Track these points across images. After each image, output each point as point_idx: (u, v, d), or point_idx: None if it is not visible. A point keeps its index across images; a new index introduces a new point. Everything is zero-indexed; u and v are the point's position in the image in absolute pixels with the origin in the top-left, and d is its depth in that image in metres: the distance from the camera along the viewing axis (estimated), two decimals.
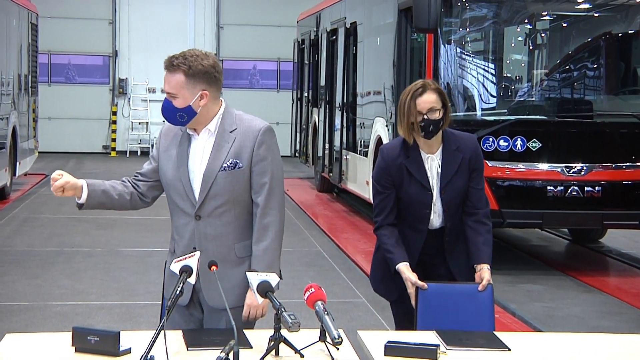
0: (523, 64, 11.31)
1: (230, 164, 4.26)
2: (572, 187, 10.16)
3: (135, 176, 4.44)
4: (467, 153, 4.97)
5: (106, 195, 4.32)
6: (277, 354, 3.77)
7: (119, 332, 3.84)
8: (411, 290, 4.82)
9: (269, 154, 4.31)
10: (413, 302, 4.82)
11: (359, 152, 13.94)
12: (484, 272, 4.87)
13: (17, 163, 16.09)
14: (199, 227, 4.30)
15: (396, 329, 5.17)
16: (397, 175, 4.93)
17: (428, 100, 4.82)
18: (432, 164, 4.96)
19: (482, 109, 10.50)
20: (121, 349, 3.79)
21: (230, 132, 4.30)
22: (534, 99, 10.91)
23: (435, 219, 5.00)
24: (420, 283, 4.80)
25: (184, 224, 4.34)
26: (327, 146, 16.70)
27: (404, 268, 4.85)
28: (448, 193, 4.93)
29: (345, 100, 15.18)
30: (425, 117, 4.79)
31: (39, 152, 19.09)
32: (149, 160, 4.47)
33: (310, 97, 18.86)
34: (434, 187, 4.94)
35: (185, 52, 4.25)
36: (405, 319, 5.00)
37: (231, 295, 4.18)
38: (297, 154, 20.35)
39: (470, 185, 4.98)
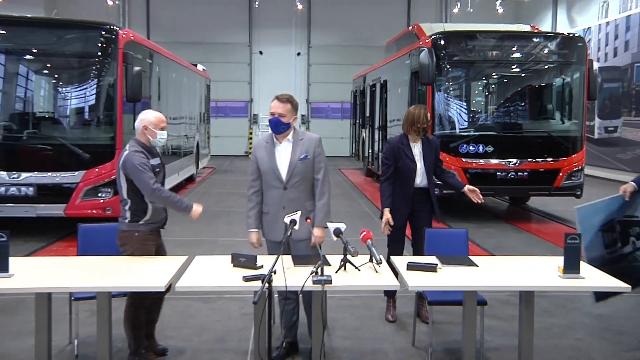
0: (482, 103, 11.11)
1: (303, 157, 4.31)
2: (511, 172, 10.01)
3: (251, 180, 4.43)
4: (434, 145, 5.28)
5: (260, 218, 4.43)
6: (345, 269, 3.78)
7: (256, 256, 3.90)
8: (383, 224, 5.07)
9: (322, 151, 4.41)
10: (386, 232, 5.09)
11: None
12: (469, 187, 5.09)
13: (199, 161, 16.30)
14: (285, 194, 4.31)
15: (387, 240, 5.24)
16: (397, 153, 5.18)
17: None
18: (416, 148, 5.20)
19: (459, 129, 10.32)
20: (257, 265, 3.85)
21: (300, 139, 4.36)
22: (488, 122, 10.71)
23: (419, 179, 5.17)
24: (390, 222, 5.05)
25: (276, 194, 4.33)
26: (370, 150, 16.61)
27: (386, 211, 5.10)
28: (426, 163, 5.17)
29: (380, 124, 15.04)
30: (429, 123, 5.21)
31: (211, 155, 19.37)
32: (251, 164, 4.47)
33: (360, 123, 18.75)
34: (417, 161, 5.16)
35: (287, 94, 4.41)
36: (392, 233, 5.15)
37: (304, 232, 4.25)
38: (353, 155, 20.25)
39: (437, 164, 5.25)
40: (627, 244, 4.87)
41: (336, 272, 3.72)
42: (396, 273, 3.95)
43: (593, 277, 3.89)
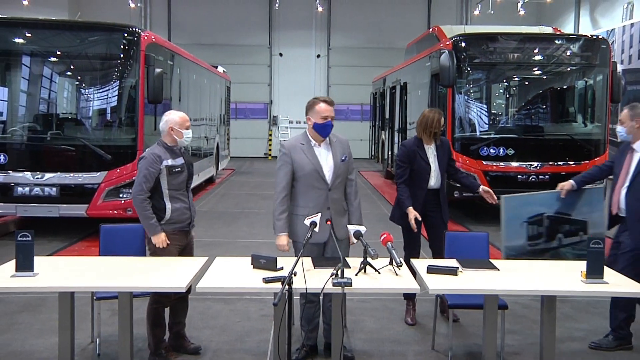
0: (503, 105, 11.03)
1: (344, 158, 4.37)
2: (532, 175, 9.93)
3: (285, 182, 4.32)
4: (446, 146, 5.32)
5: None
6: (365, 272, 3.78)
7: (276, 257, 3.90)
8: (412, 222, 5.02)
9: (351, 152, 4.45)
10: (414, 228, 5.03)
11: None
12: (484, 188, 5.20)
13: (219, 163, 16.35)
14: (330, 194, 4.31)
15: (404, 242, 5.26)
16: (412, 156, 5.19)
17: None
18: (430, 150, 5.23)
19: (480, 131, 10.26)
20: (277, 267, 3.85)
21: (334, 141, 4.38)
22: (509, 125, 10.63)
23: (432, 181, 5.19)
24: (418, 218, 5.04)
25: (319, 195, 4.29)
26: (389, 152, 16.54)
27: (410, 209, 5.07)
28: (440, 165, 5.21)
29: (399, 126, 14.99)
30: (442, 128, 5.25)
31: (230, 157, 19.41)
32: (284, 166, 4.32)
33: (379, 125, 18.70)
34: (432, 163, 5.18)
35: (327, 96, 4.41)
36: (408, 236, 5.21)
37: (344, 232, 4.30)
38: (372, 157, 20.21)
39: (449, 164, 5.29)
40: (552, 239, 4.99)
41: (356, 274, 3.71)
42: (414, 274, 3.93)
43: (616, 282, 3.81)
